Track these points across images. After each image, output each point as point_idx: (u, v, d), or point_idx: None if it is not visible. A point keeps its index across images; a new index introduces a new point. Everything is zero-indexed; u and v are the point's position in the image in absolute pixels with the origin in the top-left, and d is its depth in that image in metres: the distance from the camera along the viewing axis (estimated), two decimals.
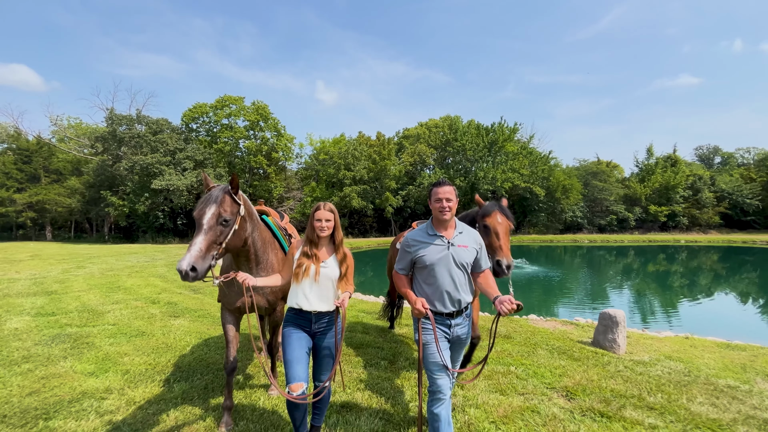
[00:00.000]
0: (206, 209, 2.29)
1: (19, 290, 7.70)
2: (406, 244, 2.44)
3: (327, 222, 2.37)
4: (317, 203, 2.41)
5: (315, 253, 2.38)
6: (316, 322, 2.37)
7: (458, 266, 2.33)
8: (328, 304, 2.38)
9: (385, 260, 6.47)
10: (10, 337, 4.70)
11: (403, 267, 2.45)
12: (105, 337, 4.77)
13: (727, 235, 42.66)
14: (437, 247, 2.33)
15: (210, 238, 2.24)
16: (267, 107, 33.86)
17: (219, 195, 2.36)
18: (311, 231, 2.39)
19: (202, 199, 2.36)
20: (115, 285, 8.55)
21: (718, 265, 20.66)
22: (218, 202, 2.32)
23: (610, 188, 43.66)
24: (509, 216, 3.01)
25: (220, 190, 2.41)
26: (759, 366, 4.22)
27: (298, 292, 2.37)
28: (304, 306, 2.34)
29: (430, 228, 2.43)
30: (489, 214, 2.94)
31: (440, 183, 2.40)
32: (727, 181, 47.13)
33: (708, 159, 68.60)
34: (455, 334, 2.37)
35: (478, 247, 2.43)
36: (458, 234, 2.40)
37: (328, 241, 2.46)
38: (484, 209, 3.01)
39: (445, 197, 2.33)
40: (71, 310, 6.08)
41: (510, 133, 37.07)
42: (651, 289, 12.91)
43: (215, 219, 2.29)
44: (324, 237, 2.41)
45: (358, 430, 2.78)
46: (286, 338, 2.35)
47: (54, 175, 35.79)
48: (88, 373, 3.63)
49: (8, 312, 5.93)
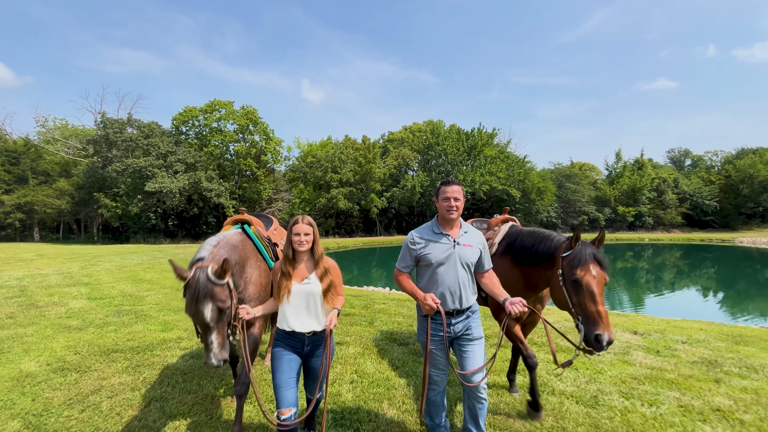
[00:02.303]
0: (202, 309, 2.11)
1: (57, 282, 9.04)
2: (410, 241, 2.43)
3: (306, 236, 2.27)
4: (295, 217, 2.33)
5: (292, 271, 2.29)
6: (309, 343, 2.29)
7: (463, 266, 2.33)
8: (319, 322, 2.28)
9: (371, 258, 7.96)
10: (84, 312, 6.17)
11: (406, 264, 2.44)
12: (155, 312, 6.30)
13: (687, 233, 46.03)
14: (443, 245, 2.33)
15: (220, 330, 2.18)
16: (256, 112, 35.09)
17: (206, 288, 2.14)
18: (288, 246, 2.29)
19: (190, 296, 2.13)
20: (137, 278, 9.97)
21: (680, 261, 23.18)
22: (210, 296, 2.14)
23: (582, 190, 46.45)
24: (605, 264, 2.34)
25: (204, 277, 2.16)
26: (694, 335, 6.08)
27: (285, 314, 2.27)
28: (296, 327, 2.24)
29: (435, 226, 2.42)
30: (582, 265, 2.30)
31: (449, 182, 2.40)
32: (688, 184, 50.67)
33: (679, 161, 72.80)
34: (455, 331, 2.36)
35: (482, 247, 2.43)
36: (463, 233, 2.40)
37: (309, 255, 2.36)
38: (576, 255, 2.35)
39: (453, 196, 2.34)
40: (115, 296, 7.54)
41: (488, 138, 39.37)
42: (620, 284, 14.48)
43: (216, 315, 2.15)
44: (302, 252, 2.31)
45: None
46: (276, 360, 2.26)
47: (42, 177, 36.07)
48: (160, 330, 5.19)
49: (64, 297, 7.34)
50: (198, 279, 2.15)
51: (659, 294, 12.67)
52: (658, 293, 12.81)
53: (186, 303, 2.15)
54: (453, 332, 2.35)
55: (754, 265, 20.38)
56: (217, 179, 31.62)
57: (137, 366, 3.94)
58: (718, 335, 5.60)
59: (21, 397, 3.18)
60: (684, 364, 4.31)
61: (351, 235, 38.30)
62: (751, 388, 3.63)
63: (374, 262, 21.94)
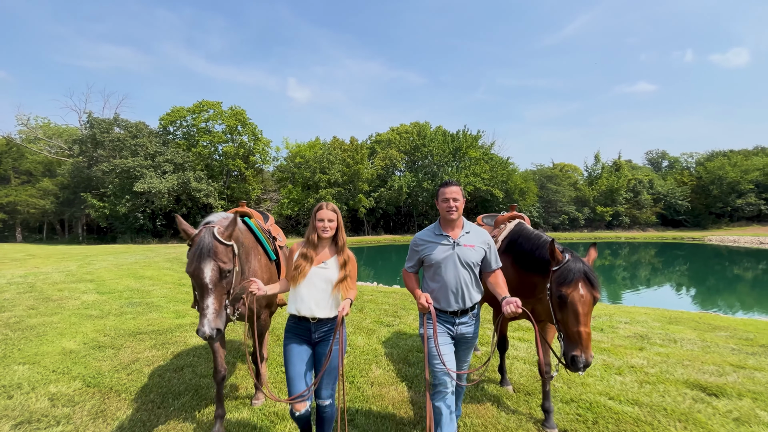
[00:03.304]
0: (203, 266, 2.10)
1: (62, 279, 9.51)
2: (414, 243, 2.51)
3: (330, 222, 2.29)
4: (319, 203, 2.33)
5: (313, 254, 2.30)
6: (315, 330, 2.28)
7: (464, 266, 2.36)
8: (328, 310, 2.27)
9: (359, 257, 8.70)
10: (98, 304, 6.77)
11: (411, 265, 2.53)
12: (165, 303, 6.93)
13: (661, 232, 48.27)
14: (443, 246, 2.38)
15: (218, 295, 2.12)
16: (244, 113, 35.40)
17: (211, 245, 2.15)
18: (312, 231, 2.31)
19: (192, 253, 2.13)
20: (137, 275, 10.49)
21: (654, 259, 24.66)
22: (213, 254, 2.13)
23: (563, 191, 48.17)
24: (596, 283, 2.27)
25: (209, 236, 2.18)
26: None
27: (296, 297, 2.28)
28: (303, 311, 2.25)
29: (437, 228, 2.48)
30: (569, 282, 2.25)
31: (447, 183, 2.43)
32: (663, 185, 53.03)
33: (657, 162, 75.74)
34: (459, 332, 2.40)
35: (486, 247, 2.44)
36: (465, 234, 2.43)
37: (330, 242, 2.37)
38: (563, 272, 2.30)
39: (452, 197, 2.38)
40: (122, 290, 8.11)
41: (472, 140, 40.59)
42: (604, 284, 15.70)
43: (217, 274, 2.12)
44: (325, 238, 2.33)
45: None
46: (287, 352, 2.28)
47: (24, 176, 35.58)
48: (174, 318, 5.86)
49: (74, 292, 7.88)
50: (203, 236, 2.17)
51: (635, 290, 13.73)
52: (633, 289, 13.89)
53: (188, 261, 2.14)
54: (456, 332, 2.40)
55: (723, 262, 22.02)
56: (206, 179, 31.87)
57: (163, 344, 4.63)
58: (657, 317, 6.59)
59: (74, 365, 3.85)
60: (620, 337, 5.24)
61: None
62: (664, 353, 4.56)
63: (362, 261, 22.69)
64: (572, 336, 2.19)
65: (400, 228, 43.62)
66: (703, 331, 5.66)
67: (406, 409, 3.13)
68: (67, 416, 2.91)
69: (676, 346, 4.86)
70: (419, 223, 42.09)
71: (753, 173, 48.35)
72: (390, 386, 3.52)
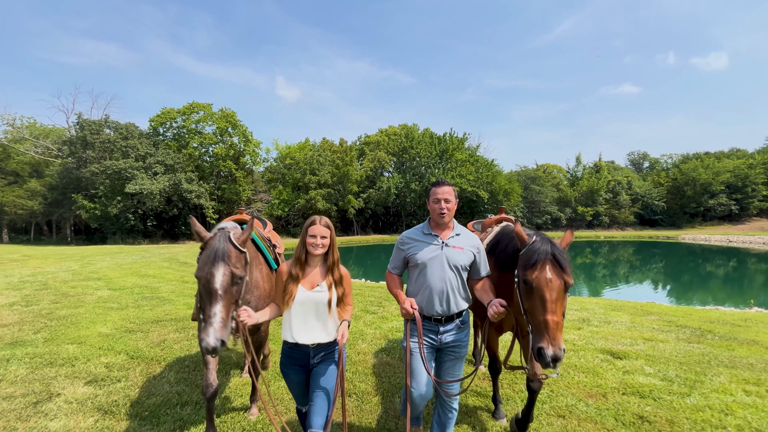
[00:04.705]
0: (214, 270, 2.00)
1: (70, 278, 10.20)
2: (400, 242, 2.40)
3: (323, 239, 2.13)
4: (312, 217, 2.17)
5: (303, 275, 2.15)
6: (314, 356, 2.15)
7: (451, 268, 2.26)
8: (326, 334, 2.13)
9: (348, 256, 9.57)
10: (113, 298, 7.55)
11: (396, 266, 2.42)
12: (175, 297, 7.75)
13: (639, 231, 50.44)
14: (431, 246, 2.29)
15: (227, 303, 2.00)
16: (235, 114, 35.94)
17: (225, 249, 2.07)
18: (301, 248, 2.15)
19: (205, 257, 2.05)
20: (141, 273, 11.23)
21: (633, 257, 26.22)
22: (226, 259, 2.04)
23: (546, 191, 49.92)
24: (565, 266, 2.03)
25: (224, 239, 2.11)
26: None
27: (290, 323, 2.13)
28: (299, 339, 2.11)
29: (426, 227, 2.39)
30: (534, 265, 2.03)
31: (439, 183, 2.32)
32: (640, 186, 55.30)
33: (638, 163, 78.52)
34: (443, 341, 2.28)
35: (475, 251, 2.35)
36: (455, 235, 2.34)
37: (322, 260, 2.20)
38: (528, 253, 2.09)
39: (444, 198, 2.26)
40: (131, 287, 8.88)
41: (458, 142, 41.95)
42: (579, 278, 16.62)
43: (229, 280, 2.02)
44: (316, 255, 2.16)
45: None
46: (286, 378, 2.23)
47: (11, 177, 35.38)
48: (187, 309, 6.70)
49: (87, 289, 8.62)
50: (218, 239, 2.09)
51: (614, 287, 14.90)
52: (613, 286, 15.10)
53: (199, 265, 2.05)
54: (440, 341, 2.27)
55: (696, 259, 23.76)
56: (197, 181, 32.34)
57: (183, 328, 5.50)
58: (604, 306, 7.71)
59: (115, 344, 4.71)
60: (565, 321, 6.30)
61: None
62: (596, 331, 5.63)
63: (351, 260, 23.61)
64: (538, 325, 1.95)
65: (388, 228, 44.66)
66: (636, 316, 6.77)
67: (384, 368, 4.10)
68: (124, 377, 3.79)
69: (608, 326, 5.94)
70: (407, 222, 43.18)
71: (724, 175, 50.87)
72: (372, 354, 4.49)
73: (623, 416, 3.06)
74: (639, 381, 3.74)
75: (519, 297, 2.13)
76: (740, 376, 3.88)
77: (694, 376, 3.87)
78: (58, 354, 4.35)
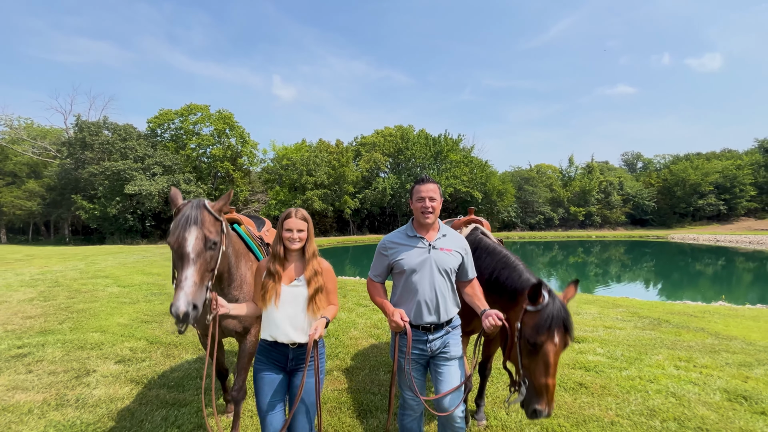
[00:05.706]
0: (187, 234, 1.89)
1: (78, 276, 10.74)
2: (382, 247, 2.24)
3: (299, 233, 2.04)
4: (287, 210, 2.07)
5: (281, 270, 2.05)
6: (294, 357, 2.05)
7: (441, 272, 2.12)
8: (305, 333, 2.02)
9: (345, 256, 10.05)
10: (124, 294, 8.12)
11: (378, 273, 2.28)
12: None
13: (630, 231, 51.44)
14: (417, 250, 2.14)
15: (200, 267, 1.88)
16: (232, 116, 36.44)
17: (198, 214, 1.96)
18: (278, 243, 2.06)
19: (176, 222, 1.93)
20: (145, 271, 11.78)
21: (624, 256, 27.05)
22: (200, 223, 1.94)
23: (539, 192, 50.82)
24: (571, 328, 1.98)
25: (197, 206, 2.00)
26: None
27: (269, 321, 2.04)
28: (280, 337, 2.01)
29: (410, 229, 2.23)
30: (547, 330, 1.93)
31: (423, 180, 2.18)
32: (632, 186, 56.35)
33: (632, 164, 79.63)
34: (433, 349, 2.13)
35: (464, 252, 2.23)
36: (441, 236, 2.20)
37: (299, 255, 2.11)
38: (542, 319, 1.95)
39: (428, 196, 2.13)
40: (139, 284, 9.44)
41: (453, 144, 42.69)
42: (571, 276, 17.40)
43: (202, 243, 1.91)
44: (294, 250, 2.07)
45: None
46: (257, 381, 2.05)
47: (9, 178, 35.66)
48: None
49: (97, 286, 9.17)
50: (192, 205, 2.00)
51: (605, 285, 15.51)
52: (604, 284, 15.71)
53: (170, 229, 1.94)
54: (430, 350, 2.13)
55: (686, 258, 24.57)
56: (195, 181, 32.82)
57: None
58: (578, 300, 8.39)
59: (135, 332, 5.30)
60: None
61: (325, 235, 40.35)
62: None
63: (347, 260, 24.22)
64: (539, 388, 1.93)
65: (384, 228, 45.31)
66: (605, 308, 7.45)
67: (373, 350, 4.73)
68: (147, 357, 4.39)
69: (576, 317, 6.60)
70: (403, 222, 43.80)
71: (713, 176, 52.00)
72: (363, 339, 5.12)
73: (566, 383, 3.71)
74: (588, 359, 4.40)
75: (518, 350, 2.05)
76: (676, 355, 4.55)
77: (636, 355, 4.54)
78: (86, 340, 4.94)
